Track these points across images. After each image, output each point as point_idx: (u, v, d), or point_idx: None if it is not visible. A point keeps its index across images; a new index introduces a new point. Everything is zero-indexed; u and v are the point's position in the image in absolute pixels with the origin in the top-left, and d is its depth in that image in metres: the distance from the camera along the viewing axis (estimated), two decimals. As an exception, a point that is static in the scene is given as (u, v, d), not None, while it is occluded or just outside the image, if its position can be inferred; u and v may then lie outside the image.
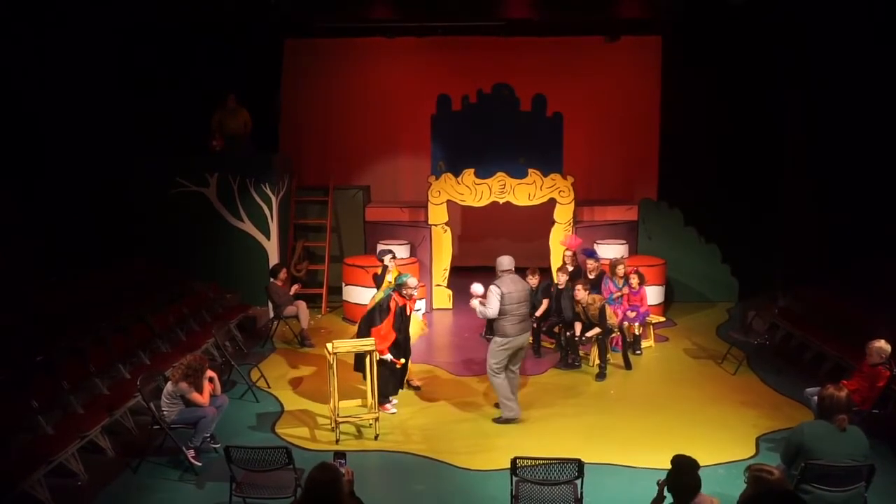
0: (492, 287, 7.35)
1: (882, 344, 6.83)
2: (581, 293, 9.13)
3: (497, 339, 7.44)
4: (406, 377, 8.50)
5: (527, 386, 8.72)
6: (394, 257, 9.17)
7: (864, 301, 9.44)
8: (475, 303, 7.54)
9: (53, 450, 6.31)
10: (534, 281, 9.71)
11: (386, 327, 7.71)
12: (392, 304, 7.73)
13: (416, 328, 8.65)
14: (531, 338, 9.97)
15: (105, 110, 10.97)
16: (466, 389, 8.71)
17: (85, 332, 8.16)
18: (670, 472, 4.17)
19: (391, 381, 7.98)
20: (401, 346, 8.01)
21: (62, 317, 8.33)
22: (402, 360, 7.96)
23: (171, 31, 11.48)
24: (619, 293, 9.97)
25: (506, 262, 7.50)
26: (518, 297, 7.37)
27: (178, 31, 11.57)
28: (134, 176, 11.46)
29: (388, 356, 7.78)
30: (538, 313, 9.80)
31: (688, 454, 4.39)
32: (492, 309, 7.31)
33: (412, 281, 7.84)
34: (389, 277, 7.85)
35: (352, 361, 8.31)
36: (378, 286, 8.86)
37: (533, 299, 8.75)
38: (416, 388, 8.64)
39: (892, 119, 10.28)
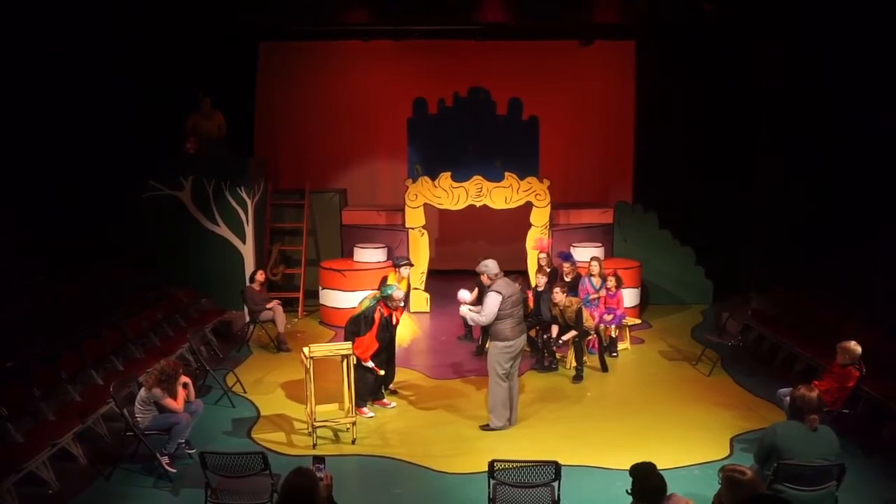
0: (491, 294, 7.25)
1: (852, 345, 6.93)
2: (558, 295, 9.14)
3: (497, 345, 7.34)
4: (390, 385, 8.52)
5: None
6: (411, 265, 9.08)
7: (835, 302, 9.54)
8: (465, 310, 7.46)
9: (24, 458, 6.22)
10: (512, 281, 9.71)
11: (369, 339, 7.69)
12: (377, 315, 7.71)
13: (408, 330, 8.65)
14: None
15: (77, 110, 10.81)
16: (444, 393, 8.70)
17: (57, 337, 8.06)
18: (633, 483, 4.20)
19: (369, 384, 7.95)
20: (384, 355, 7.99)
21: (33, 322, 8.22)
22: (382, 371, 7.92)
23: (145, 31, 11.37)
24: (595, 295, 10.01)
25: (493, 265, 7.47)
26: (515, 300, 7.37)
27: (152, 32, 11.46)
28: (105, 178, 11.32)
29: (371, 363, 7.77)
30: None
31: (650, 457, 4.39)
32: (488, 315, 7.20)
33: (398, 293, 7.82)
34: (390, 290, 7.77)
35: (331, 365, 8.28)
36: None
37: None
38: (394, 392, 8.62)
39: (863, 122, 10.44)
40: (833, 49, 10.51)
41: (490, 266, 7.42)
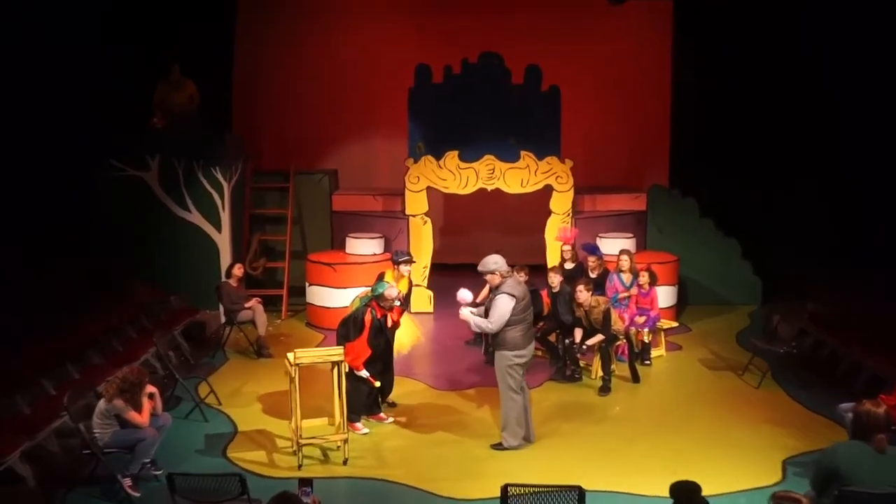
0: (502, 297, 7.21)
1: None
2: (583, 294, 9.13)
3: (507, 354, 7.33)
4: (387, 397, 8.54)
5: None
6: (412, 262, 9.11)
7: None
8: (467, 314, 7.41)
9: (-36, 479, 6.20)
10: (522, 277, 9.66)
11: (360, 344, 7.71)
12: (367, 317, 7.72)
13: (408, 335, 8.66)
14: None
15: (26, 77, 10.75)
16: (451, 406, 8.71)
17: (1, 341, 8.02)
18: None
19: (364, 396, 7.96)
20: (379, 363, 8.00)
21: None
22: (378, 383, 7.94)
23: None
24: (626, 294, 10.01)
25: (502, 262, 7.43)
26: (526, 303, 7.39)
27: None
28: (60, 157, 11.26)
29: (365, 372, 7.77)
30: None
31: (692, 479, 4.37)
32: (498, 322, 7.18)
33: (391, 292, 7.83)
34: (381, 289, 7.74)
35: (318, 370, 8.28)
36: None
37: None
38: (392, 405, 8.62)
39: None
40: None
41: (500, 263, 7.36)
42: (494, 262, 7.36)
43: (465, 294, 7.52)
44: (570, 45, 13.40)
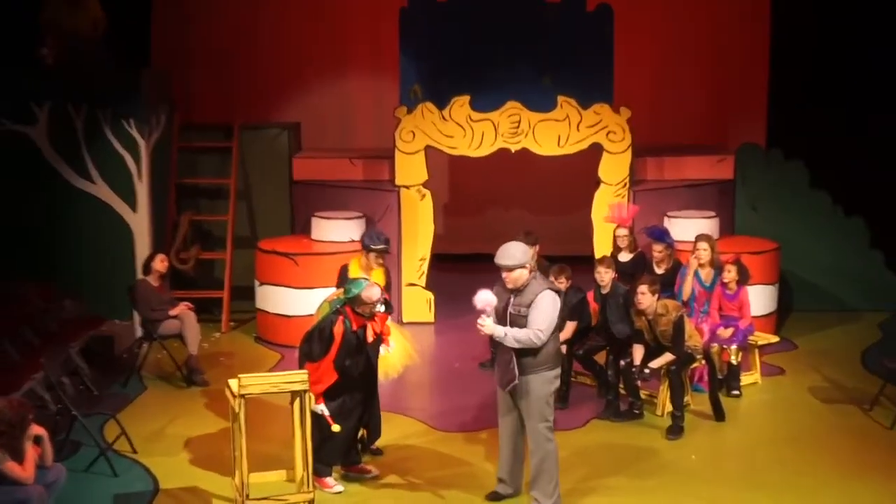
0: (546, 295, 7.21)
1: None
2: (646, 298, 9.04)
3: (545, 377, 7.31)
4: (373, 441, 8.55)
5: (558, 447, 8.52)
6: (385, 252, 9.07)
7: None
8: (491, 325, 7.34)
9: None
10: (560, 285, 9.61)
11: (323, 366, 7.69)
12: (338, 329, 7.69)
13: (397, 353, 8.65)
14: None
15: None
16: (457, 454, 8.70)
17: None
18: None
19: (338, 439, 7.92)
20: (358, 393, 7.98)
21: None
22: (337, 427, 7.81)
23: None
24: (705, 296, 9.98)
25: (529, 252, 7.43)
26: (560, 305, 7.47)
27: None
28: None
29: (320, 408, 7.75)
30: (561, 337, 9.74)
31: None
32: (548, 330, 7.19)
33: (372, 292, 7.74)
34: (357, 289, 7.68)
35: (272, 404, 8.29)
36: (339, 286, 8.84)
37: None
38: (377, 453, 8.60)
39: None
40: None
41: (525, 253, 7.30)
42: (523, 253, 7.30)
43: (487, 297, 7.36)
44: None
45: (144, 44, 13.44)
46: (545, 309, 7.19)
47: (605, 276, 9.60)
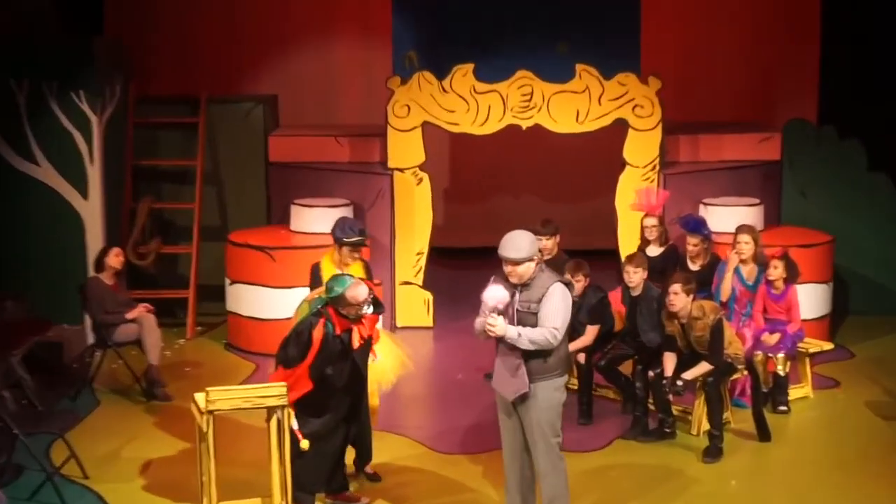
0: (557, 288, 7.18)
1: None
2: (679, 299, 8.98)
3: (556, 382, 7.26)
4: (365, 464, 8.55)
5: (577, 471, 8.45)
6: (361, 246, 8.92)
7: None
8: (500, 324, 7.28)
9: None
10: (577, 284, 9.57)
11: (298, 374, 7.64)
12: (317, 333, 7.65)
13: (389, 361, 8.59)
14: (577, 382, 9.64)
15: None
16: (458, 478, 8.67)
17: None
18: None
19: (323, 463, 7.92)
20: (343, 406, 7.93)
21: None
22: (305, 443, 7.73)
23: None
24: (748, 296, 9.96)
25: (536, 243, 7.36)
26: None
27: None
28: None
29: (294, 423, 7.71)
30: (582, 343, 9.81)
31: None
32: (563, 327, 7.16)
33: (358, 291, 7.65)
34: (341, 288, 7.62)
35: (245, 422, 8.34)
36: (313, 288, 8.85)
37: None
38: (375, 479, 8.58)
39: None
40: None
41: (532, 242, 7.23)
42: (531, 244, 7.24)
43: (500, 293, 7.31)
44: None
45: (97, 7, 13.40)
46: (558, 304, 7.15)
47: (634, 276, 9.58)
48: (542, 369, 7.19)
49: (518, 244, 7.22)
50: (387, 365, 8.63)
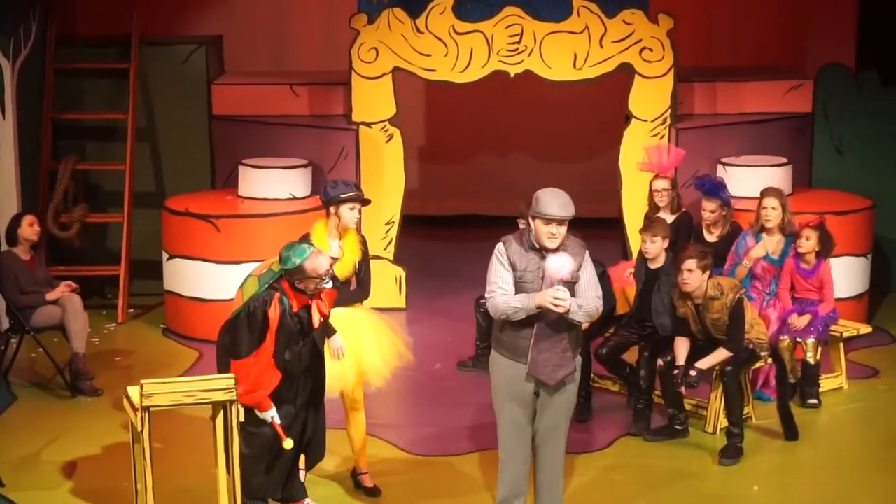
0: (587, 253, 7.38)
1: None
2: (694, 277, 8.91)
3: (579, 358, 7.41)
4: (314, 463, 8.43)
5: (576, 475, 8.69)
6: (361, 199, 8.74)
7: None
8: (569, 300, 7.16)
9: None
10: None
11: (259, 362, 7.54)
12: (273, 312, 7.55)
13: (383, 356, 8.58)
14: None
15: None
16: (439, 484, 8.76)
17: None
18: None
19: (278, 465, 7.89)
20: (301, 395, 7.90)
21: None
22: (289, 442, 7.76)
23: None
24: (773, 272, 9.91)
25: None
26: None
27: None
28: None
29: (270, 413, 7.64)
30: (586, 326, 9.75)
31: None
32: (601, 298, 7.35)
33: (318, 261, 7.55)
34: (300, 257, 7.50)
35: (190, 425, 8.44)
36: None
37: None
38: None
39: None
40: None
41: (561, 201, 7.22)
42: (554, 201, 7.24)
43: (568, 263, 7.25)
44: None
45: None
46: (593, 271, 7.34)
47: (651, 246, 9.51)
48: (576, 348, 7.33)
49: (566, 200, 7.24)
50: (380, 355, 8.52)
